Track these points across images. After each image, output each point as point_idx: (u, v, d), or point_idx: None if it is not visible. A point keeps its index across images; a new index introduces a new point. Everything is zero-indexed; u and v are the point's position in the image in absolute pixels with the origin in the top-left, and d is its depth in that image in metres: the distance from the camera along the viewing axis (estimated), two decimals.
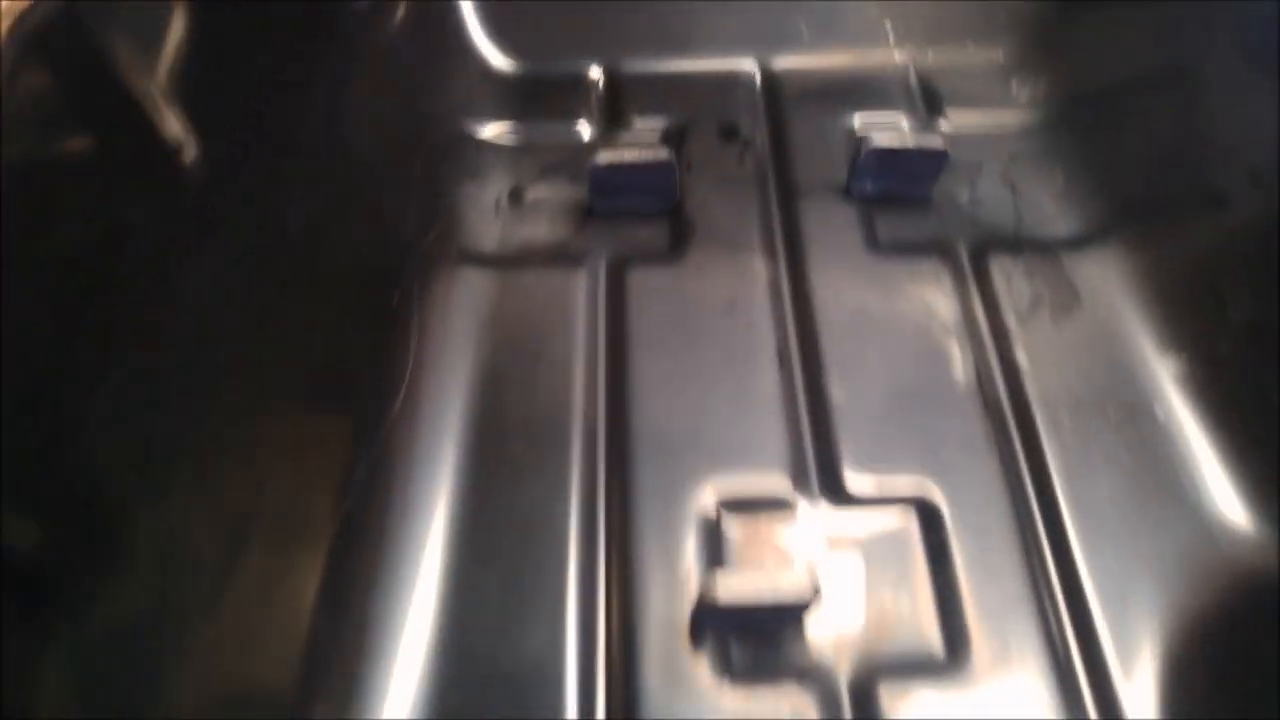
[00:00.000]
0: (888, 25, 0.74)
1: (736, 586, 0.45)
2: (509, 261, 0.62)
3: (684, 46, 0.72)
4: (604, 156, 0.61)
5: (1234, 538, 0.53)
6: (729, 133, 0.69)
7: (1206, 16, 0.63)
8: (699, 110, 0.70)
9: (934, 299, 0.61)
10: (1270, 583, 0.52)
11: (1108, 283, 0.62)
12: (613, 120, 0.70)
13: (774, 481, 0.53)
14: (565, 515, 0.52)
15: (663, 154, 0.61)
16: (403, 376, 0.56)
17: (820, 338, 0.59)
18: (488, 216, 0.64)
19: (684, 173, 0.66)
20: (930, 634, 0.49)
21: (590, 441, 0.54)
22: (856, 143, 0.63)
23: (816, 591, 0.45)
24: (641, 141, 0.68)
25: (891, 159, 0.62)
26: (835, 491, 0.53)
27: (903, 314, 0.60)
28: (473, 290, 0.61)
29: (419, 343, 0.57)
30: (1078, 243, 0.64)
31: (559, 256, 0.62)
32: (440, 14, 0.70)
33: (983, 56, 0.74)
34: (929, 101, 0.71)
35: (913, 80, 0.73)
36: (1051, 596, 0.51)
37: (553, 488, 0.53)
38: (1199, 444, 0.56)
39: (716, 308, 0.60)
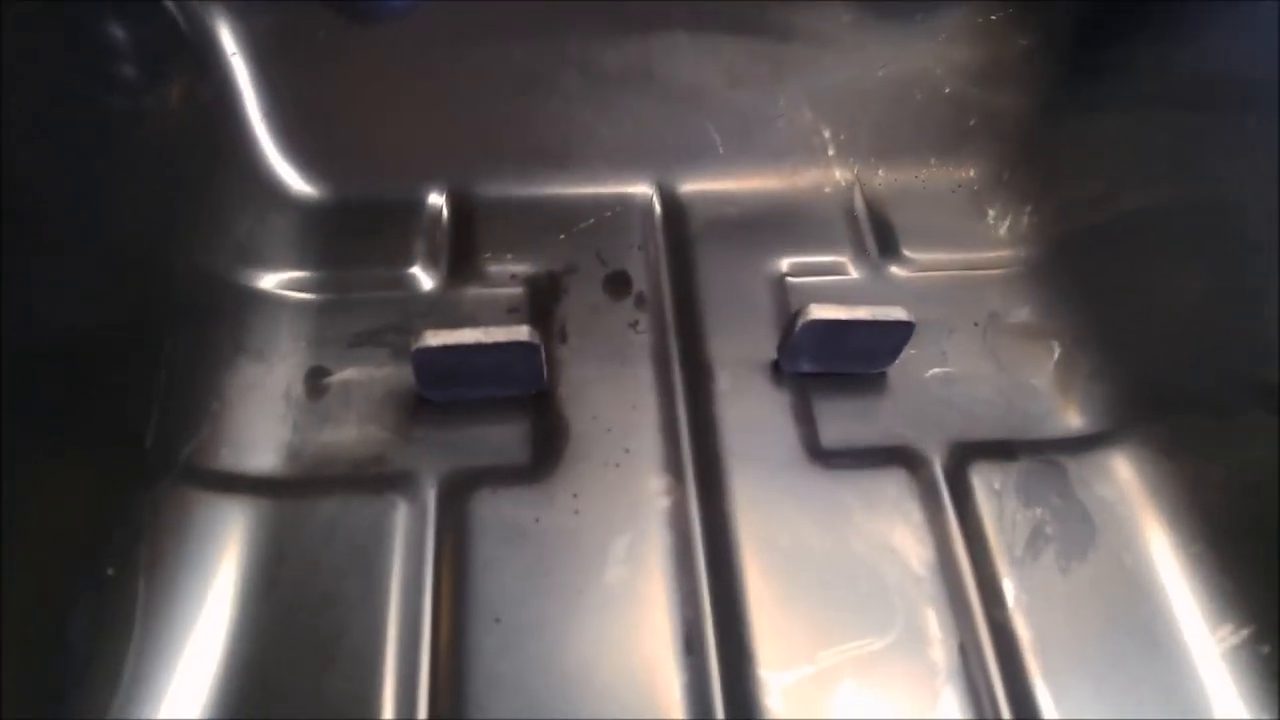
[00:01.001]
0: (825, 133, 0.62)
1: None
2: (298, 487, 0.48)
3: (558, 164, 0.59)
4: (433, 337, 0.47)
5: None
6: (618, 284, 0.56)
7: (1249, 130, 0.52)
8: (578, 251, 0.57)
9: (898, 536, 0.48)
10: None
11: (1131, 505, 0.51)
12: (459, 265, 0.56)
13: None
14: None
15: (520, 332, 0.47)
16: (115, 683, 0.40)
17: (747, 608, 0.46)
18: (272, 414, 0.50)
19: (554, 344, 0.53)
20: None
21: None
22: (791, 315, 0.51)
23: None
24: (498, 297, 0.54)
25: (837, 334, 0.50)
26: None
27: (859, 562, 0.47)
28: (241, 537, 0.46)
29: (146, 628, 0.42)
30: (1086, 445, 0.53)
31: (372, 478, 0.48)
32: (216, 114, 0.56)
33: (948, 175, 0.63)
34: (880, 237, 0.60)
35: (859, 207, 0.61)
36: None
37: None
38: None
39: (598, 560, 0.47)
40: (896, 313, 0.50)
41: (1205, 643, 0.46)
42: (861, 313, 0.50)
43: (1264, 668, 0.45)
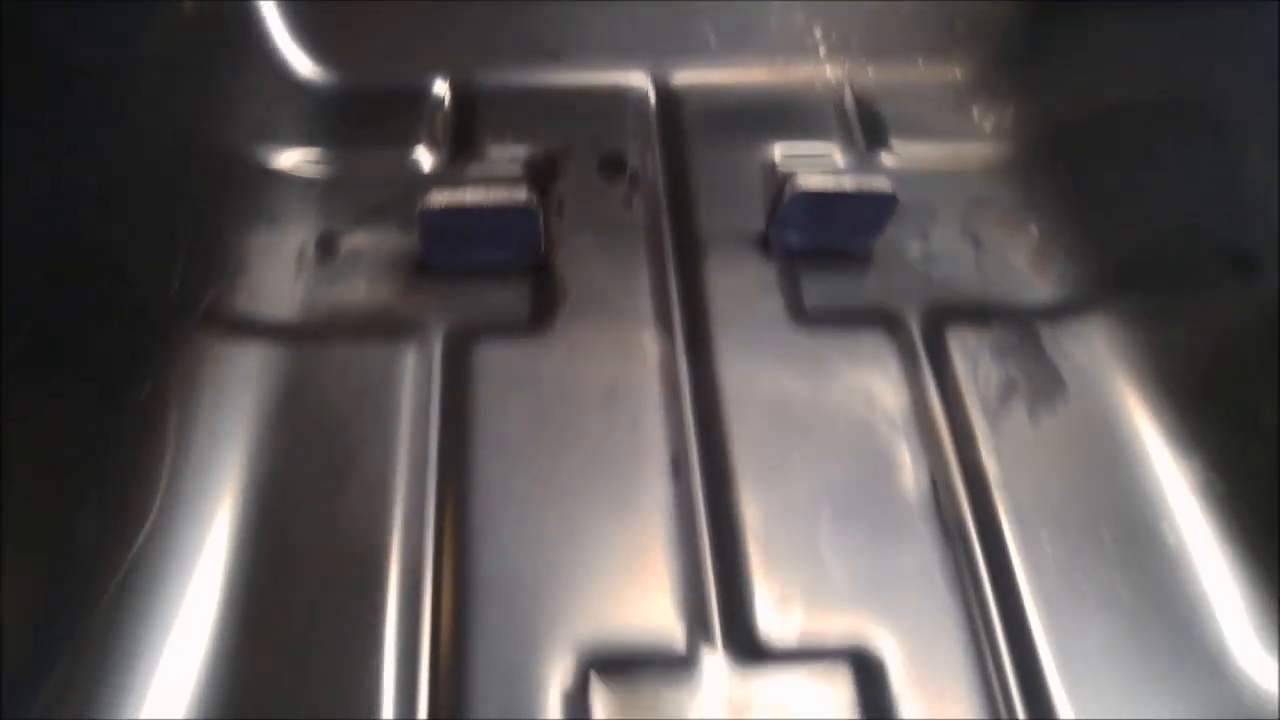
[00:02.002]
0: (817, 33, 0.71)
1: None
2: (312, 334, 0.56)
3: (556, 54, 0.68)
4: (438, 198, 0.56)
5: (1260, 700, 0.49)
6: (613, 165, 0.65)
7: (1228, 31, 0.60)
8: (574, 136, 0.66)
9: (877, 386, 0.57)
10: None
11: (1101, 366, 0.59)
12: (461, 147, 0.65)
13: (663, 633, 0.48)
14: (374, 693, 0.46)
15: (520, 195, 0.56)
16: (153, 495, 0.49)
17: (729, 438, 0.54)
18: (287, 273, 0.59)
19: (552, 217, 0.62)
20: None
21: (413, 585, 0.48)
22: (779, 183, 0.59)
23: None
24: (496, 175, 0.63)
25: (824, 205, 0.59)
26: (745, 644, 0.48)
27: (836, 406, 0.56)
28: (260, 374, 0.54)
29: (178, 448, 0.51)
30: (1060, 313, 0.61)
31: (381, 327, 0.57)
32: (231, 6, 0.65)
33: (936, 75, 0.71)
34: (869, 130, 0.68)
35: (849, 102, 0.70)
36: None
37: (357, 654, 0.46)
38: (1219, 577, 0.52)
39: (592, 399, 0.55)
40: (880, 183, 0.59)
41: (1167, 474, 0.54)
42: (847, 183, 0.58)
43: (1216, 502, 0.54)
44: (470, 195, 0.55)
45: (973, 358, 0.58)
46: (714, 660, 0.47)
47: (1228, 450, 0.54)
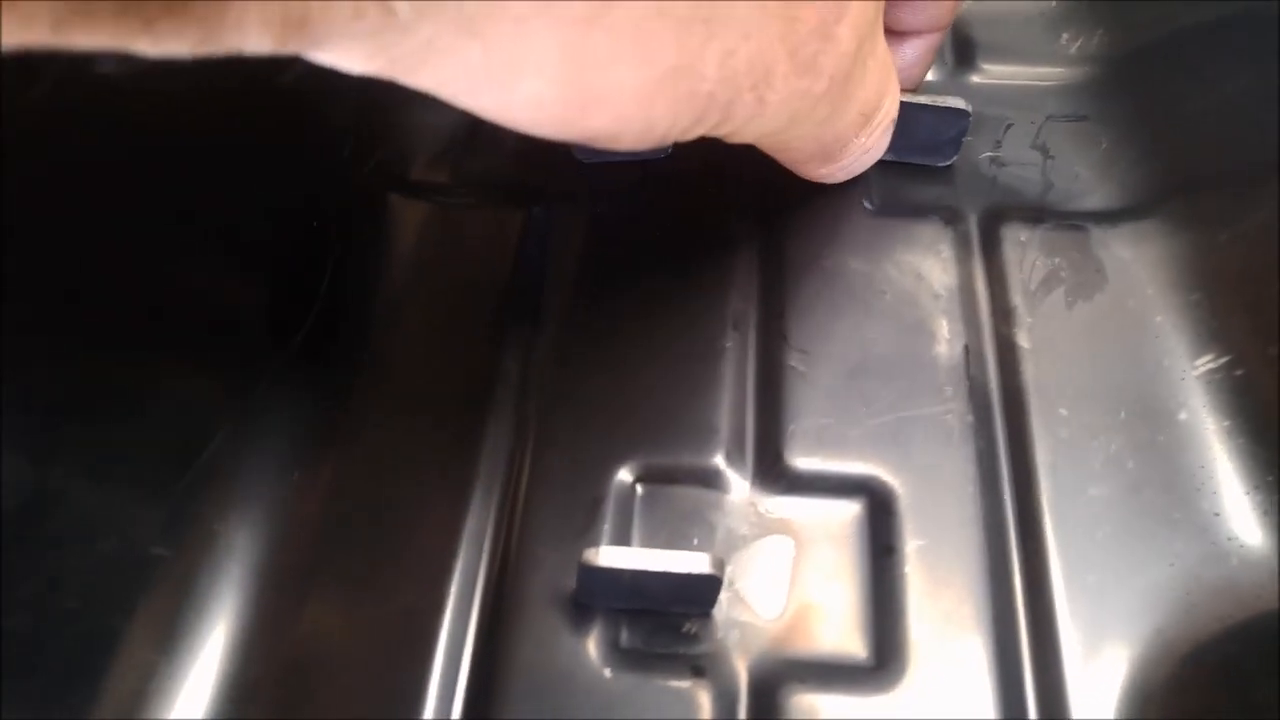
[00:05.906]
0: None
1: (621, 553, 0.43)
2: (461, 194, 0.62)
3: None
4: None
5: (1249, 569, 0.49)
6: None
7: None
8: None
9: (928, 266, 0.58)
10: None
11: (1142, 264, 0.58)
12: None
13: (704, 454, 0.51)
14: (467, 466, 0.51)
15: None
16: (309, 309, 0.56)
17: (786, 301, 0.57)
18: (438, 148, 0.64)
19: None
20: (858, 638, 0.47)
21: (505, 392, 0.54)
22: None
23: (717, 570, 0.43)
24: None
25: (900, 119, 0.60)
26: (773, 470, 0.51)
27: (888, 280, 0.58)
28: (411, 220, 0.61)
29: (333, 278, 0.57)
30: (1113, 217, 0.60)
31: (519, 196, 0.61)
32: None
33: (1032, 3, 0.70)
34: (960, 52, 0.69)
35: None
36: (1011, 609, 0.48)
37: (455, 436, 0.52)
38: (1223, 456, 0.52)
39: (675, 264, 0.59)
40: (954, 101, 0.59)
41: (1189, 362, 0.54)
42: (922, 99, 0.59)
43: (1232, 391, 0.53)
44: None
45: (1021, 247, 0.59)
46: (742, 481, 0.50)
47: (1250, 346, 0.53)
